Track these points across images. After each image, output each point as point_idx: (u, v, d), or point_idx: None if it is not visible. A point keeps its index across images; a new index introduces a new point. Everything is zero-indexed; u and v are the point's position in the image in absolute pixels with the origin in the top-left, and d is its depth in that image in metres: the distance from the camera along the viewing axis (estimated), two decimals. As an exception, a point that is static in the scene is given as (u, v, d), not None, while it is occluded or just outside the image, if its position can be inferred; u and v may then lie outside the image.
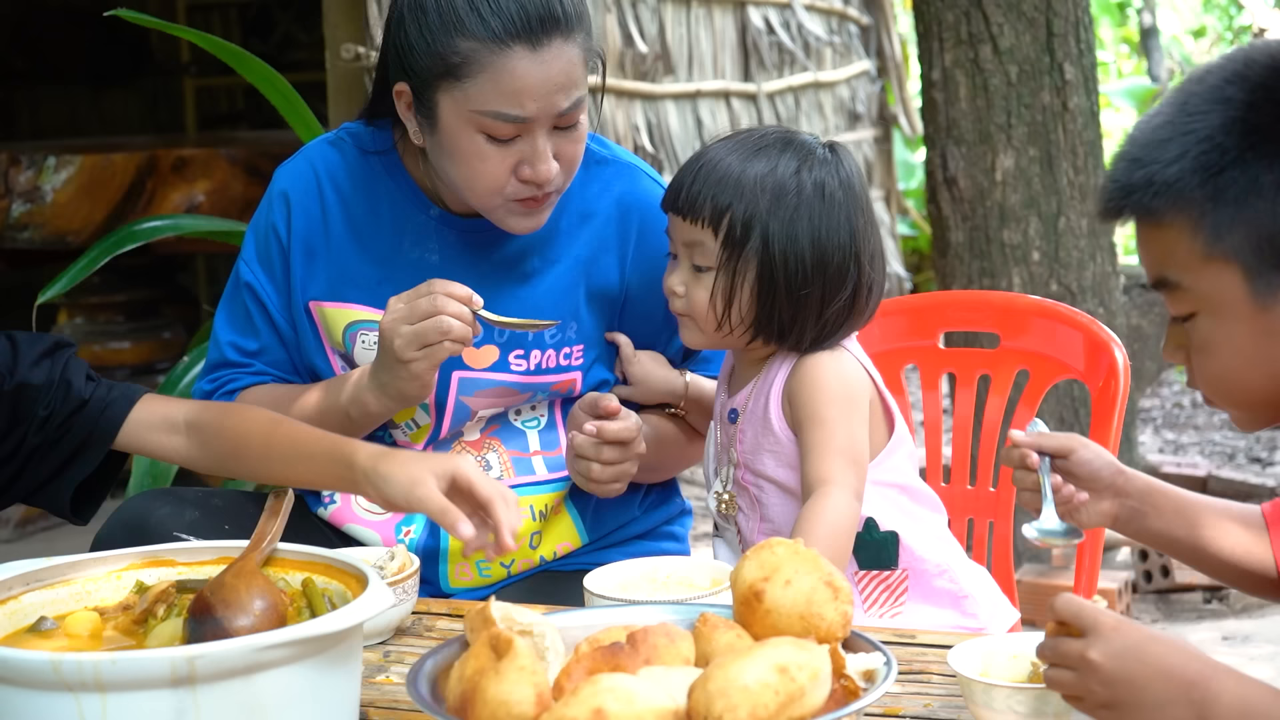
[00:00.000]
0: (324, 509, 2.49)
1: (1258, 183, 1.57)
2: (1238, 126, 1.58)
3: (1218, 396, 1.71)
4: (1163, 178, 1.61)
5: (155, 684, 1.51)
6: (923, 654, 1.96)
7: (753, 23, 7.58)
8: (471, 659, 1.54)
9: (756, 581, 1.68)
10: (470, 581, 2.47)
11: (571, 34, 2.21)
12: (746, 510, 2.32)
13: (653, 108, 6.62)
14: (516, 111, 2.20)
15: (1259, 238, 1.58)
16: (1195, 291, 1.63)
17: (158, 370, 5.83)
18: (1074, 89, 4.81)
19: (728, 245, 2.22)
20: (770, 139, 2.26)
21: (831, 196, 2.22)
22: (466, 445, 2.46)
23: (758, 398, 2.28)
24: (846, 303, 2.24)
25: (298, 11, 8.97)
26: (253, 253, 2.45)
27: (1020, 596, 3.88)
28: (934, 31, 4.85)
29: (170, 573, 1.88)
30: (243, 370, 2.45)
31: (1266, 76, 1.60)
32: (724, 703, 1.44)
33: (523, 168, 2.25)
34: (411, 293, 2.21)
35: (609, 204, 2.45)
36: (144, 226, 3.76)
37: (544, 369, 2.42)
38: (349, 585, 1.78)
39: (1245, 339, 1.62)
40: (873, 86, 9.29)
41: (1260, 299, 1.60)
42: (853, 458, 2.18)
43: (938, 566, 2.26)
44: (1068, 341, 2.62)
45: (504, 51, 2.18)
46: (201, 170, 5.24)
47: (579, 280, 2.43)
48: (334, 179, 2.43)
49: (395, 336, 2.20)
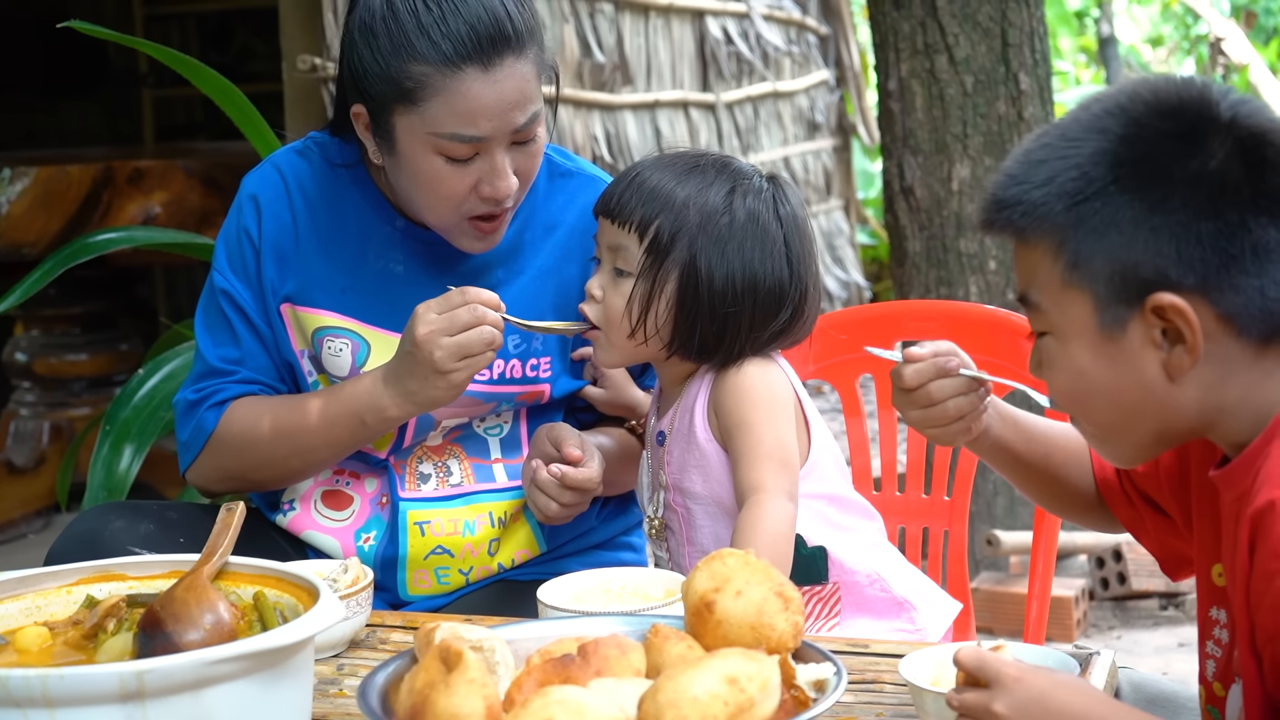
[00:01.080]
0: (282, 516, 2.49)
1: (1118, 216, 1.59)
2: (1107, 159, 1.61)
3: (1070, 414, 1.76)
4: (1030, 199, 1.64)
5: (104, 699, 1.50)
6: (875, 664, 1.97)
7: (711, 33, 7.60)
8: (421, 672, 1.54)
9: (708, 592, 1.68)
10: (428, 589, 2.47)
11: (523, 51, 2.22)
12: (675, 532, 2.33)
13: (611, 118, 6.62)
14: (472, 132, 2.21)
15: (1113, 270, 1.60)
16: (1050, 314, 1.67)
17: (115, 383, 5.80)
18: (1029, 99, 4.83)
19: (651, 252, 2.23)
20: (706, 162, 2.28)
21: (765, 227, 2.23)
22: (428, 450, 2.46)
23: (682, 415, 2.29)
24: (781, 328, 2.25)
25: (256, 23, 8.94)
26: (224, 261, 2.44)
27: (976, 605, 3.91)
28: (890, 42, 4.86)
29: (121, 587, 1.86)
30: (228, 379, 2.43)
31: (1143, 113, 1.62)
32: (673, 714, 1.44)
33: (482, 185, 2.25)
34: (443, 302, 2.20)
35: (574, 216, 2.46)
36: (98, 239, 3.75)
37: (509, 379, 2.42)
38: (300, 599, 1.77)
39: (1088, 364, 1.65)
40: (831, 96, 9.32)
41: (1106, 330, 1.63)
42: (782, 460, 2.19)
43: (869, 576, 2.27)
44: (1019, 350, 2.63)
45: (456, 74, 2.19)
46: (158, 182, 5.21)
47: (544, 291, 2.44)
48: (301, 187, 2.43)
49: (435, 349, 2.18)
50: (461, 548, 2.44)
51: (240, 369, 2.43)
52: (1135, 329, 1.61)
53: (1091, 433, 1.74)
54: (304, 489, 2.48)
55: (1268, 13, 13.02)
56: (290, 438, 2.37)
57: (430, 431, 2.44)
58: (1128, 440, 1.71)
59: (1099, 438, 1.74)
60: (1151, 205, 1.58)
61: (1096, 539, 4.94)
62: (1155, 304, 1.59)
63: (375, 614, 2.19)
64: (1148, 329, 1.60)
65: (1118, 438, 1.71)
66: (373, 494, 2.48)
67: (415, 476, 2.45)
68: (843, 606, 2.28)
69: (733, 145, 7.70)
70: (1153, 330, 1.60)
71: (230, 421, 2.40)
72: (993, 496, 4.91)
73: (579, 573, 2.15)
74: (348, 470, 2.48)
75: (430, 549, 2.44)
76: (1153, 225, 1.58)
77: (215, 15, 9.23)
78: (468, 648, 1.55)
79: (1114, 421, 1.69)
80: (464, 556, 2.44)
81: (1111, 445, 1.74)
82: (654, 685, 1.48)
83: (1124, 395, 1.65)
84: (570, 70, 6.30)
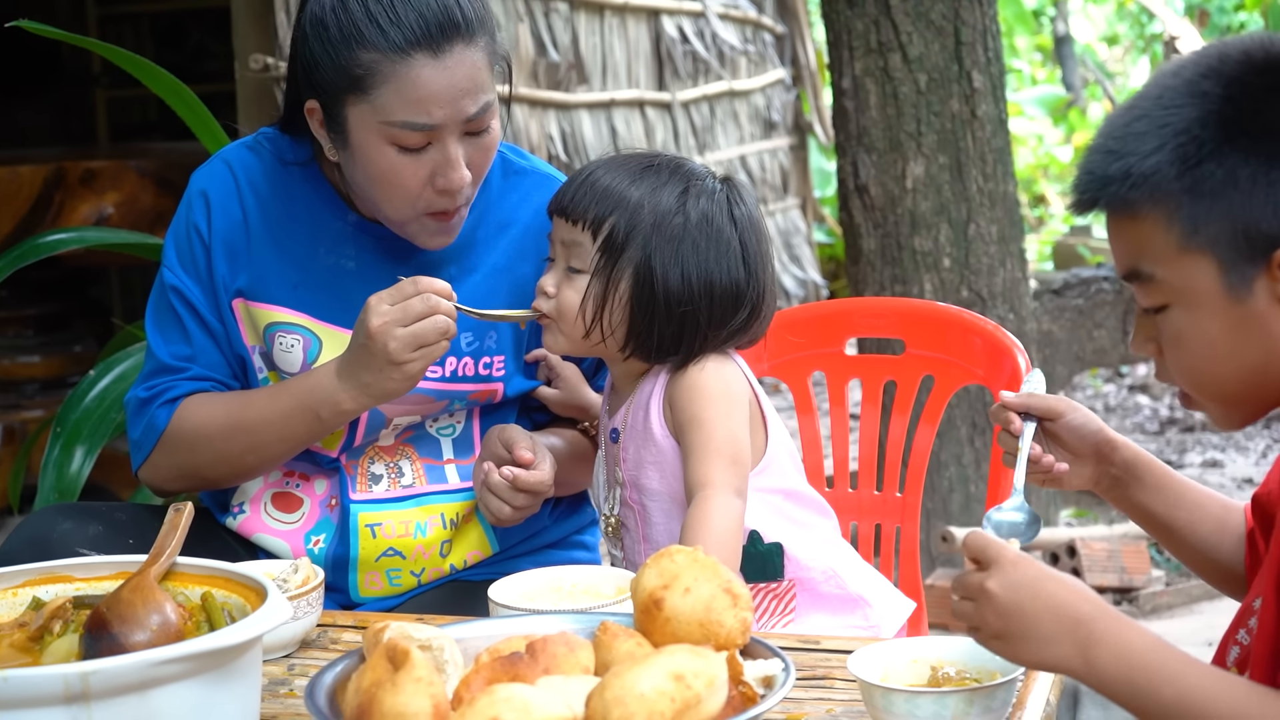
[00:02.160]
0: (232, 519, 2.48)
1: (1234, 175, 1.59)
2: (1214, 120, 1.61)
3: (1193, 389, 1.73)
4: (1140, 169, 1.63)
5: (48, 701, 1.50)
6: (826, 660, 1.97)
7: (667, 32, 7.60)
8: (368, 671, 1.54)
9: (656, 590, 1.69)
10: (380, 591, 2.46)
11: (473, 38, 2.22)
12: (631, 530, 2.33)
13: (567, 117, 6.62)
14: (424, 119, 2.20)
15: (1234, 230, 1.60)
16: (1169, 284, 1.65)
17: (68, 384, 5.76)
18: (982, 97, 4.85)
19: (605, 250, 2.23)
20: (660, 162, 2.28)
21: (719, 228, 2.24)
22: (380, 450, 2.46)
23: (636, 411, 2.29)
24: (739, 326, 2.26)
25: (210, 23, 8.90)
26: (174, 257, 2.43)
27: (931, 602, 3.92)
28: (844, 40, 4.88)
29: (67, 588, 1.86)
30: (179, 376, 2.42)
31: (1241, 72, 1.63)
32: (620, 711, 1.45)
33: (436, 177, 2.25)
34: (395, 292, 2.20)
35: (528, 214, 2.45)
36: (49, 239, 3.71)
37: (461, 377, 2.42)
38: (249, 599, 1.77)
39: (1218, 332, 1.64)
40: (788, 95, 9.33)
41: (1234, 291, 1.62)
42: (732, 456, 2.19)
43: (824, 573, 2.28)
44: (970, 347, 2.65)
45: (406, 61, 2.19)
46: (110, 182, 5.19)
47: (496, 289, 2.43)
48: (252, 182, 2.42)
49: (389, 339, 2.18)
50: (413, 549, 2.44)
51: (192, 366, 2.42)
52: (1261, 287, 1.61)
53: (1213, 407, 1.73)
54: (253, 491, 2.47)
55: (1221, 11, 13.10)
56: (244, 434, 2.35)
57: (382, 430, 2.43)
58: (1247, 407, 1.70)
59: (1221, 409, 1.72)
60: (1269, 160, 1.59)
61: (1049, 534, 4.96)
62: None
63: (326, 614, 2.19)
64: (1273, 284, 1.60)
65: (1238, 407, 1.71)
66: (322, 495, 2.47)
67: (367, 477, 2.44)
68: (798, 603, 2.28)
69: (689, 144, 7.71)
70: (1278, 285, 1.60)
71: (182, 419, 2.39)
72: (948, 493, 4.93)
73: (530, 571, 2.15)
74: (297, 472, 2.47)
75: (381, 551, 2.43)
76: (1271, 180, 1.59)
77: (169, 15, 9.17)
78: (415, 646, 1.55)
79: (1237, 391, 1.68)
80: (415, 558, 2.44)
81: (1231, 415, 1.72)
82: (601, 682, 1.48)
83: (1250, 359, 1.64)
84: (525, 69, 6.30)
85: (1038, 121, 11.98)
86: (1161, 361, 1.72)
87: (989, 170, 4.88)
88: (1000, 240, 4.91)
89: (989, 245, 4.89)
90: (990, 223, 4.89)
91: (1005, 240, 4.93)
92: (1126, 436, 2.07)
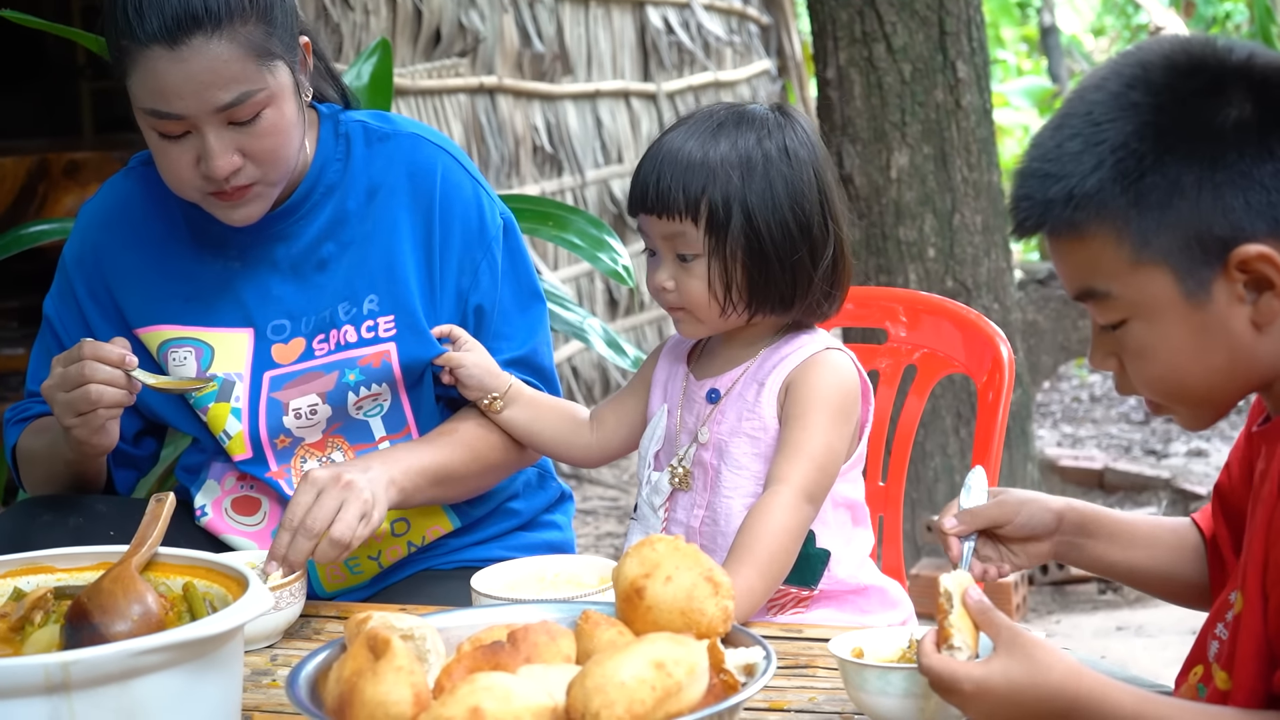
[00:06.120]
0: (201, 520, 2.48)
1: (1179, 184, 1.58)
2: (1150, 131, 1.60)
3: (1161, 397, 1.72)
4: (1082, 190, 1.61)
5: (29, 691, 1.50)
6: (809, 648, 1.98)
7: (652, 23, 7.60)
8: (349, 660, 1.54)
9: (637, 578, 1.69)
10: (343, 582, 2.45)
11: (217, 30, 2.21)
12: (694, 490, 2.29)
13: (551, 108, 6.62)
14: (165, 109, 2.23)
15: (1186, 238, 1.59)
16: (1125, 299, 1.64)
17: (53, 376, 5.76)
18: (967, 87, 4.85)
19: (711, 230, 2.18)
20: (721, 116, 2.23)
21: (796, 156, 2.20)
22: (309, 448, 2.44)
23: (748, 382, 2.24)
24: (832, 262, 2.22)
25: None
26: (55, 288, 2.50)
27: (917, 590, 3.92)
28: (828, 30, 4.88)
29: (49, 579, 1.86)
30: (37, 400, 2.47)
31: (1168, 78, 1.61)
32: (601, 699, 1.45)
33: (201, 164, 2.27)
34: (67, 355, 2.23)
35: (399, 176, 2.44)
36: (31, 230, 3.71)
37: (343, 345, 2.41)
38: (230, 589, 1.77)
39: (1181, 338, 1.63)
40: (773, 86, 9.34)
41: (1193, 297, 1.61)
42: (822, 465, 2.15)
43: (854, 589, 2.24)
44: (953, 337, 2.64)
45: (145, 51, 2.22)
46: (94, 174, 5.18)
47: (376, 254, 2.42)
48: (129, 210, 2.46)
49: (53, 404, 2.24)
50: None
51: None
52: (1220, 289, 1.60)
53: (1182, 411, 1.73)
54: (214, 495, 2.47)
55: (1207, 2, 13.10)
56: (43, 462, 2.46)
57: (283, 417, 2.41)
58: (1215, 407, 1.70)
59: (1190, 411, 1.72)
60: (1210, 163, 1.58)
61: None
62: (1240, 258, 1.58)
63: (309, 604, 2.19)
64: (1231, 285, 1.60)
65: (1207, 408, 1.70)
66: (276, 497, 2.46)
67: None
68: (811, 609, 2.25)
69: (675, 135, 7.70)
70: (1236, 285, 1.60)
71: (22, 441, 2.49)
72: (933, 483, 4.94)
73: (512, 561, 2.15)
74: (250, 475, 2.46)
75: None
76: (1216, 183, 1.58)
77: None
78: (396, 636, 1.55)
79: (1205, 393, 1.68)
80: (369, 542, 2.39)
81: (1200, 415, 1.72)
82: (582, 671, 1.48)
83: (1215, 361, 1.64)
84: (510, 60, 6.29)
85: (1024, 112, 11.97)
86: (1122, 375, 1.71)
87: (974, 160, 4.89)
88: (985, 230, 4.92)
89: (974, 235, 4.90)
90: (975, 213, 4.89)
91: (990, 230, 4.93)
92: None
